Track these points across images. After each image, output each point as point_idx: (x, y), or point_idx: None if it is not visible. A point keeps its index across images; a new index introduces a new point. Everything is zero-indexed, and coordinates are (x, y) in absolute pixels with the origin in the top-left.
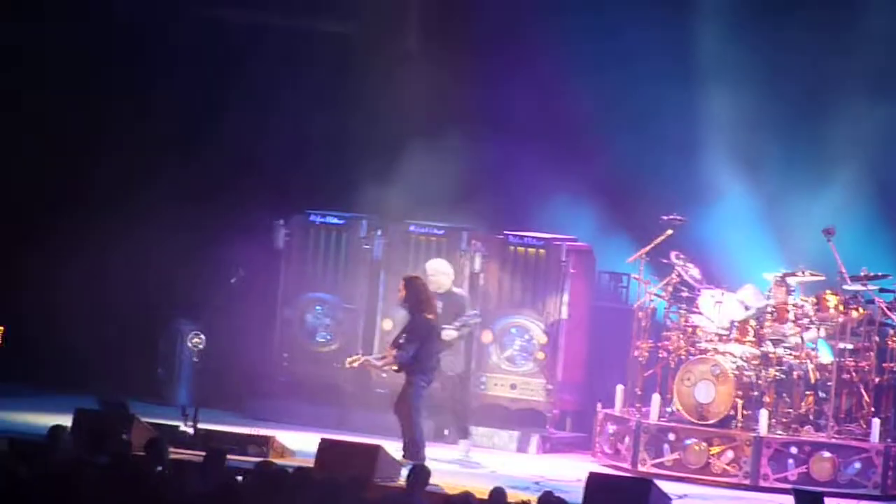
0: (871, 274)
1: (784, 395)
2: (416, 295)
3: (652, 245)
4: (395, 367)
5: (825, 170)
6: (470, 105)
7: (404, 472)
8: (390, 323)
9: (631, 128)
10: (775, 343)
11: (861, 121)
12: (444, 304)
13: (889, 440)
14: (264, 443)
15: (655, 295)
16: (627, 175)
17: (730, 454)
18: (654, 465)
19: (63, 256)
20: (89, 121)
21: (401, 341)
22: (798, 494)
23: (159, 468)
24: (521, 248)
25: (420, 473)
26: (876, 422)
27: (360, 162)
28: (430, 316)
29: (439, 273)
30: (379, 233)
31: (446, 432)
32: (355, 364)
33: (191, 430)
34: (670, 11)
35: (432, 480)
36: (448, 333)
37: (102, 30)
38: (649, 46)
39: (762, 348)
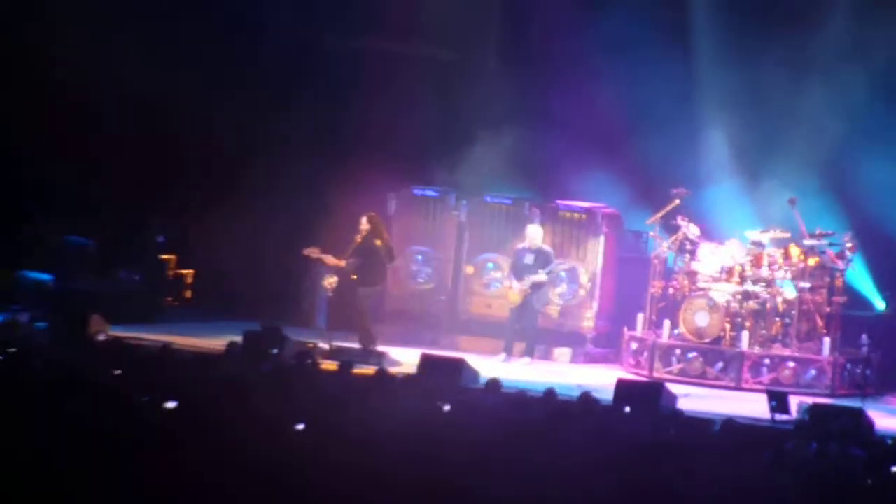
0: (824, 232)
1: (760, 321)
2: (375, 227)
3: (664, 211)
4: (346, 271)
5: (793, 156)
6: (534, 105)
7: (482, 378)
8: (472, 269)
9: (650, 124)
10: (754, 282)
11: (813, 128)
12: (536, 255)
13: (836, 354)
14: (380, 356)
15: (667, 248)
16: (647, 158)
17: (720, 364)
18: (665, 373)
19: (239, 220)
20: (261, 123)
21: (351, 258)
22: (770, 394)
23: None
24: (568, 214)
25: (494, 382)
26: (827, 340)
27: (452, 149)
28: (378, 243)
29: (535, 234)
30: (464, 202)
31: (509, 351)
32: (312, 255)
33: (328, 347)
34: (678, 38)
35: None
36: (539, 277)
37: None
38: (665, 65)
39: (744, 287)
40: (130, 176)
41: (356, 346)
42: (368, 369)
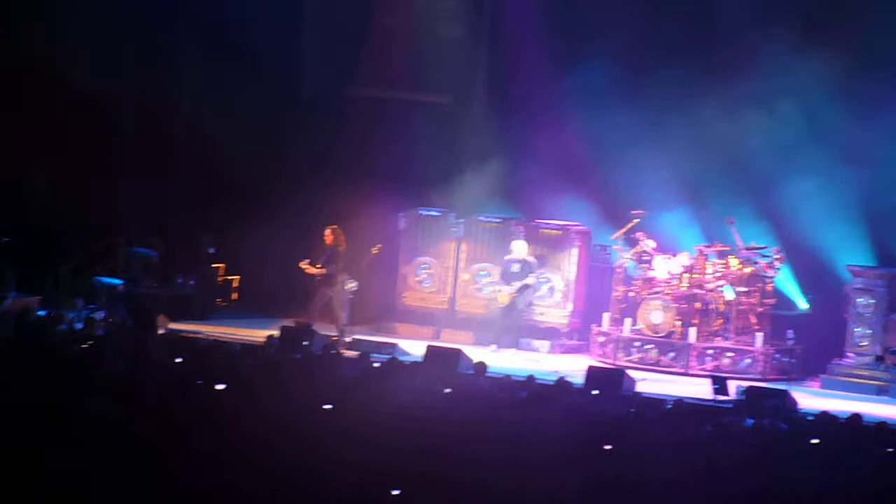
0: (757, 245)
1: (704, 318)
2: (337, 238)
3: (626, 228)
4: (320, 275)
5: (732, 185)
6: (518, 141)
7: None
8: (468, 276)
9: (615, 158)
10: (699, 287)
11: (748, 162)
12: (521, 265)
13: (767, 346)
14: (391, 347)
15: (628, 259)
16: (612, 185)
17: (672, 354)
18: (627, 361)
19: (275, 236)
20: (280, 158)
21: (322, 262)
22: (713, 378)
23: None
24: (546, 231)
25: (481, 366)
26: (759, 334)
27: (451, 177)
28: (341, 249)
29: (519, 248)
30: (461, 221)
31: (499, 343)
32: (301, 266)
33: (348, 339)
34: (638, 87)
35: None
36: (529, 280)
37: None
38: (626, 109)
39: (692, 290)
40: (186, 200)
41: (373, 338)
42: (383, 358)
